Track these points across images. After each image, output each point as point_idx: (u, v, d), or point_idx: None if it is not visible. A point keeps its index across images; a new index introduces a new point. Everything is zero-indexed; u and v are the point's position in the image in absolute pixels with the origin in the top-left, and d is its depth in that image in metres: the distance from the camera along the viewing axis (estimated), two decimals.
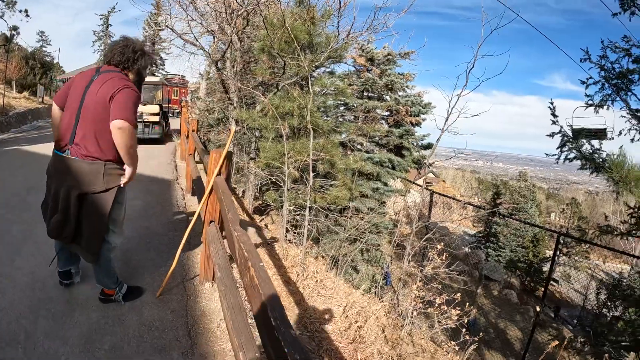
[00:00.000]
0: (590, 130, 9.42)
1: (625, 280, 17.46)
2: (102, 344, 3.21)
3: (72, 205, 3.28)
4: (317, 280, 5.59)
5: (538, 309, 9.70)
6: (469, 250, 24.30)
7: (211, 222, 4.38)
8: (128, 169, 3.42)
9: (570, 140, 8.90)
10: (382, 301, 9.01)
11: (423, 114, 12.41)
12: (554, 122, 9.01)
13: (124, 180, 3.43)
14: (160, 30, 23.31)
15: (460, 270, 18.78)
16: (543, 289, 22.27)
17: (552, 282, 23.10)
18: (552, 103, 9.04)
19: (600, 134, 9.34)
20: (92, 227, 3.38)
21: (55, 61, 41.72)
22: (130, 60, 3.46)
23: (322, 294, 5.26)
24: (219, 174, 4.31)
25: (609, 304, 17.46)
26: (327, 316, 4.72)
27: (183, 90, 35.61)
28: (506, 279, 22.41)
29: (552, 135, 9.09)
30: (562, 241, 21.41)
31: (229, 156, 4.47)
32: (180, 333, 3.55)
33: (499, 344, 14.66)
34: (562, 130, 9.01)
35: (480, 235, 29.05)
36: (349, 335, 4.40)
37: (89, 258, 3.51)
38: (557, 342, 3.90)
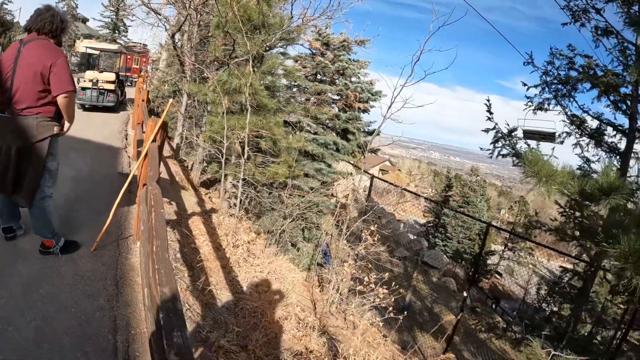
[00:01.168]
0: (540, 133, 10.00)
1: (565, 278, 18.28)
2: (39, 288, 3.50)
3: (12, 157, 3.64)
4: (246, 249, 5.90)
5: (465, 294, 10.33)
6: (413, 237, 24.99)
7: (144, 184, 4.61)
8: (67, 124, 3.88)
9: (504, 136, 9.44)
10: (319, 277, 9.42)
11: (372, 101, 12.82)
12: (489, 119, 9.52)
13: (65, 130, 3.87)
14: None
15: (403, 256, 19.44)
16: (485, 279, 23.36)
17: (495, 275, 24.17)
18: (488, 100, 9.57)
19: (550, 137, 9.93)
20: (30, 175, 3.75)
21: (15, 20, 40.12)
22: (58, 29, 3.82)
23: (248, 260, 5.59)
24: (154, 140, 4.57)
25: (549, 299, 18.27)
26: (248, 279, 5.04)
27: (144, 59, 34.85)
28: (450, 269, 23.21)
29: (487, 130, 9.60)
30: (507, 237, 22.41)
31: (164, 126, 4.72)
32: (109, 283, 3.88)
33: (432, 326, 15.29)
34: (497, 126, 9.54)
35: (429, 225, 29.95)
36: (267, 297, 4.75)
37: (25, 203, 3.85)
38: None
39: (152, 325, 2.26)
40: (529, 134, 9.92)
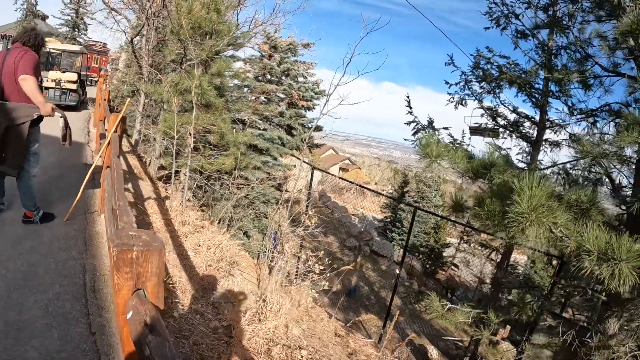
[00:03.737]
0: (485, 129, 11.27)
1: (519, 269, 19.68)
2: (24, 245, 4.57)
3: (1, 134, 4.58)
4: (193, 226, 6.93)
5: (398, 271, 11.50)
6: (363, 229, 26.11)
7: (107, 167, 5.65)
8: (42, 108, 4.76)
9: (424, 128, 10.64)
10: (271, 262, 10.38)
11: (316, 99, 13.99)
12: (409, 112, 10.68)
13: (40, 113, 4.77)
14: None
15: (353, 246, 20.61)
16: (441, 271, 24.71)
17: (452, 267, 25.59)
18: (408, 96, 10.75)
19: (494, 133, 11.21)
20: (14, 148, 4.70)
21: None
22: (38, 44, 4.97)
23: (195, 235, 6.65)
24: (116, 131, 5.66)
25: (503, 288, 19.47)
26: (193, 247, 6.11)
27: (104, 59, 35.11)
28: (406, 261, 24.41)
29: (408, 123, 10.76)
30: (463, 230, 23.74)
31: (123, 120, 5.81)
32: (79, 242, 4.97)
33: (377, 308, 16.60)
34: (416, 119, 10.72)
35: (387, 220, 31.10)
36: (205, 259, 5.84)
37: (14, 172, 4.82)
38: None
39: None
40: (474, 131, 11.17)
